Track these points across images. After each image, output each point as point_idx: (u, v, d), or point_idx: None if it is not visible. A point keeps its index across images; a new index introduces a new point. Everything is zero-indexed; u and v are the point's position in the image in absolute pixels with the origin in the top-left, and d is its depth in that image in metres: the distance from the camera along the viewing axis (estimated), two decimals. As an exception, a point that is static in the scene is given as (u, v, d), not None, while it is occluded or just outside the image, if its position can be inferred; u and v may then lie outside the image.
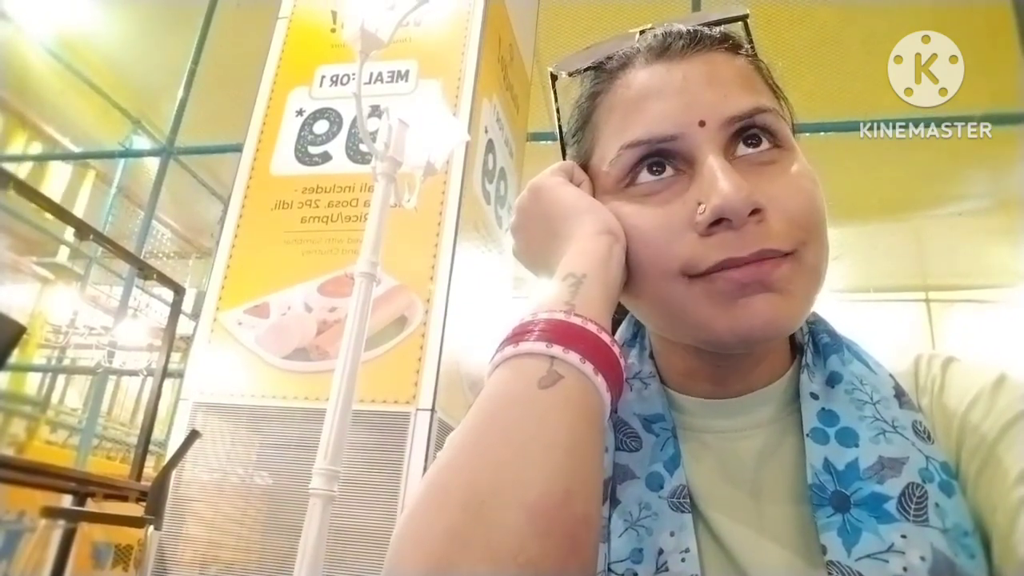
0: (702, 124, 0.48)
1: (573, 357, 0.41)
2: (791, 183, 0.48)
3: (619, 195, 0.52)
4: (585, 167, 0.56)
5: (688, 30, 0.52)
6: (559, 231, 0.52)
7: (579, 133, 0.57)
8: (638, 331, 0.59)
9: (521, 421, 0.39)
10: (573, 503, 0.37)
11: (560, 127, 0.61)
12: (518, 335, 0.43)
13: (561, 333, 0.42)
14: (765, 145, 0.49)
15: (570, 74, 0.59)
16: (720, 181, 0.45)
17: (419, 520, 0.37)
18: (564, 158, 0.59)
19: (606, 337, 0.43)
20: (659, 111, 0.50)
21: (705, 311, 0.47)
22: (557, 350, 0.41)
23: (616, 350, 0.43)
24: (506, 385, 0.41)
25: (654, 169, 0.50)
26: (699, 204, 0.47)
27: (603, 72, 0.55)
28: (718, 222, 0.46)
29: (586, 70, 0.57)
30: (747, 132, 0.49)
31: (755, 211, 0.45)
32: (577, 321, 0.43)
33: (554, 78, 0.59)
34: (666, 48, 0.52)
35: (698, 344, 0.50)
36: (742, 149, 0.49)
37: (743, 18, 0.56)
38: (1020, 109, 3.88)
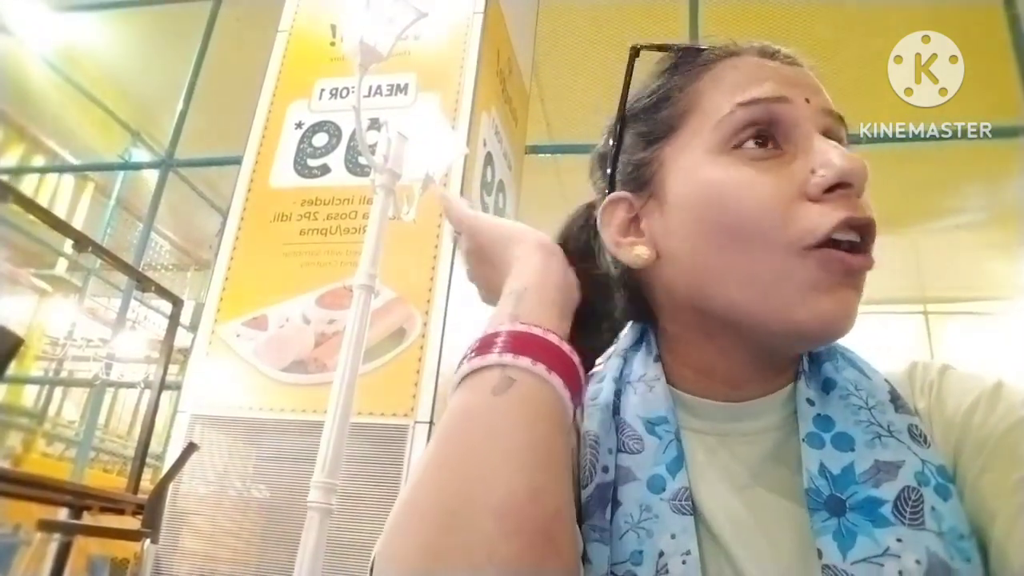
0: (808, 101, 0.51)
1: (524, 361, 0.43)
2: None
3: (722, 156, 0.51)
4: (665, 134, 0.55)
5: (786, 48, 0.56)
6: (497, 261, 0.55)
7: (668, 100, 0.56)
8: (643, 336, 0.59)
9: (480, 429, 0.41)
10: (541, 499, 0.38)
11: (624, 105, 0.60)
12: (471, 354, 0.45)
13: (509, 342, 0.44)
14: None
15: (662, 48, 0.58)
16: (842, 153, 0.47)
17: (394, 539, 0.39)
18: (620, 137, 0.59)
19: (554, 338, 0.45)
20: (774, 82, 0.51)
21: (804, 290, 0.46)
22: (507, 357, 0.43)
23: (566, 348, 0.45)
24: (463, 399, 0.43)
25: (758, 140, 0.50)
26: (813, 172, 0.48)
27: (707, 52, 0.56)
28: (833, 189, 0.47)
29: (685, 50, 0.57)
30: (832, 138, 0.51)
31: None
32: (522, 328, 0.45)
33: (637, 54, 0.58)
34: (771, 53, 0.55)
35: (759, 328, 0.49)
36: None
37: None
38: (1018, 122, 3.90)
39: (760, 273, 0.47)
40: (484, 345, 0.45)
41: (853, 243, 0.47)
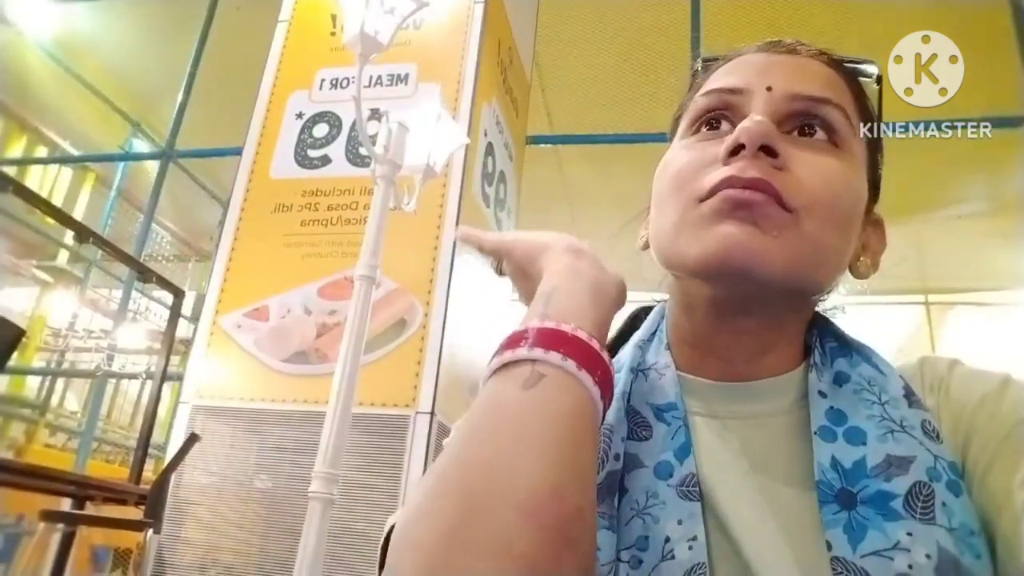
0: (769, 89, 0.53)
1: (554, 356, 0.43)
2: (825, 163, 0.51)
3: (682, 140, 0.57)
4: (673, 134, 0.61)
5: (793, 40, 0.58)
6: (533, 272, 0.56)
7: (680, 106, 0.62)
8: (656, 327, 0.61)
9: (507, 421, 0.41)
10: (563, 496, 0.38)
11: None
12: (502, 348, 0.45)
13: (539, 338, 0.44)
14: (820, 136, 0.53)
15: (703, 62, 0.63)
16: (748, 119, 0.50)
17: (415, 525, 0.39)
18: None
19: (583, 334, 0.45)
20: (739, 73, 0.56)
21: (694, 229, 0.50)
22: (538, 352, 0.43)
23: (596, 345, 0.45)
24: (492, 392, 0.43)
25: (712, 124, 0.55)
26: None
27: (719, 60, 0.61)
28: (737, 151, 0.50)
29: (711, 61, 0.62)
30: (807, 120, 0.53)
31: (771, 151, 0.49)
32: (551, 324, 0.45)
33: (695, 72, 0.64)
34: (769, 47, 0.58)
35: (688, 272, 0.53)
36: (797, 133, 0.53)
37: (870, 62, 0.60)
38: (1020, 112, 3.88)
39: (674, 221, 0.52)
40: (513, 340, 0.45)
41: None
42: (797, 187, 0.49)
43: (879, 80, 0.59)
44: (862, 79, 0.58)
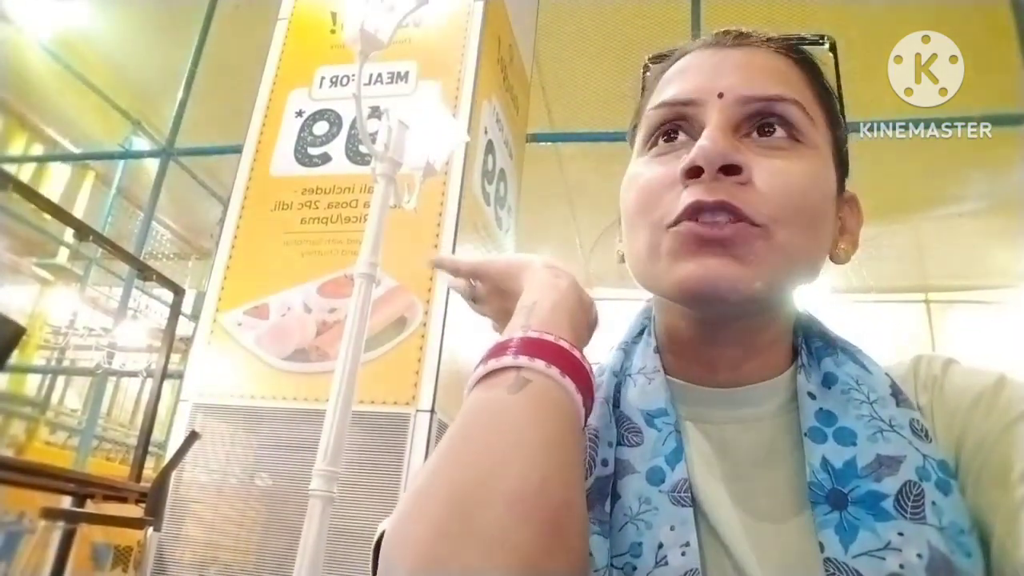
0: (720, 96, 0.51)
1: (539, 363, 0.44)
2: (787, 167, 0.50)
3: (640, 156, 0.56)
4: (633, 143, 0.60)
5: (741, 29, 0.56)
6: (512, 290, 0.57)
7: (637, 112, 0.60)
8: (645, 327, 0.60)
9: (494, 423, 0.42)
10: (550, 489, 0.39)
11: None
12: (486, 357, 0.46)
13: (524, 346, 0.45)
14: (779, 134, 0.51)
15: (651, 59, 0.62)
16: (704, 137, 0.49)
17: (406, 523, 0.39)
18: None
19: (565, 344, 0.46)
20: (688, 81, 0.54)
21: (666, 260, 0.50)
22: (523, 360, 0.44)
23: (578, 354, 0.47)
24: (479, 398, 0.45)
25: (670, 136, 0.54)
26: None
27: (671, 57, 0.59)
28: (695, 173, 0.49)
29: (661, 58, 0.61)
30: (764, 119, 0.51)
31: (732, 169, 0.48)
32: (534, 334, 0.47)
33: (646, 68, 0.63)
34: (717, 41, 0.56)
35: (665, 297, 0.53)
36: (756, 134, 0.51)
37: (818, 41, 0.58)
38: (1020, 110, 3.88)
39: (643, 248, 0.52)
40: (498, 349, 0.46)
41: (715, 220, 0.49)
42: (762, 200, 0.48)
43: (833, 48, 0.58)
44: (814, 50, 0.57)
